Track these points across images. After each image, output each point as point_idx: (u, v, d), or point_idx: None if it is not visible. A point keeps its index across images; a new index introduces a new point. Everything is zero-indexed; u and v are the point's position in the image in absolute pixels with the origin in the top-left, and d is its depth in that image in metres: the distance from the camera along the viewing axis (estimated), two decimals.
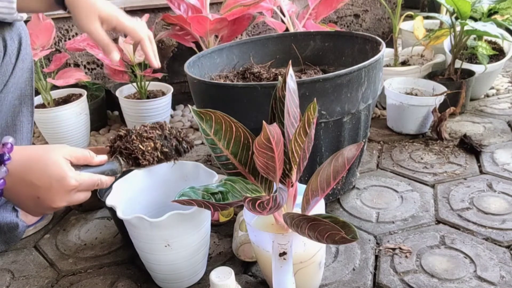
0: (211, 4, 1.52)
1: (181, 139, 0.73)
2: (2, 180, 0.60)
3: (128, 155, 0.69)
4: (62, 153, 0.63)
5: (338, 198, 1.07)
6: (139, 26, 0.77)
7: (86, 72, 1.61)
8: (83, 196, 0.66)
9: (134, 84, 1.46)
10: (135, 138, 0.69)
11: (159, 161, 0.71)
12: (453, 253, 0.87)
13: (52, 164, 0.61)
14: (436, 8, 2.27)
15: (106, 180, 0.68)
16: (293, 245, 0.67)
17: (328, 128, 0.91)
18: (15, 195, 0.63)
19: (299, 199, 0.71)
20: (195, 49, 1.46)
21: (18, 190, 0.62)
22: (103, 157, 0.69)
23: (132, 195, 0.85)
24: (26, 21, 0.90)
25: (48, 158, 0.61)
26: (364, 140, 1.02)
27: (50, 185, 0.61)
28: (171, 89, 1.50)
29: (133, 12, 1.58)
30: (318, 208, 0.72)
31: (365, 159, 1.25)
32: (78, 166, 0.66)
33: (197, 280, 0.85)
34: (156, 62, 0.81)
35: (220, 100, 0.90)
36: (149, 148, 0.69)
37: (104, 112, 1.61)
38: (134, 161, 0.70)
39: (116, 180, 0.78)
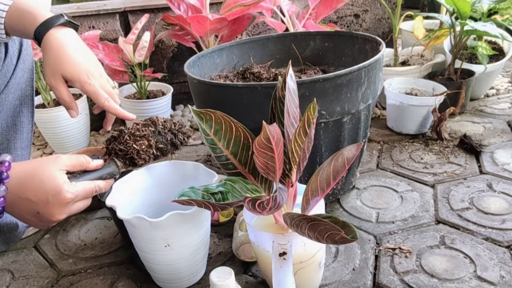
0: (211, 4, 1.52)
1: (176, 131, 0.72)
2: (2, 198, 0.61)
3: (124, 155, 0.69)
4: (56, 165, 0.63)
5: (338, 198, 1.07)
6: (98, 92, 0.74)
7: None
8: (82, 205, 0.66)
9: (134, 84, 1.46)
10: (128, 138, 0.69)
11: (156, 158, 0.71)
12: (453, 253, 0.87)
13: (47, 179, 0.61)
14: (436, 8, 2.28)
15: (104, 184, 0.68)
16: (293, 245, 0.67)
17: (328, 128, 0.91)
18: (16, 211, 0.64)
19: (299, 199, 0.71)
20: (195, 49, 1.46)
21: (18, 207, 0.63)
22: (99, 161, 0.69)
23: (132, 195, 0.85)
24: None
25: (43, 173, 0.62)
26: (364, 140, 1.02)
27: (47, 200, 0.61)
28: (171, 89, 1.51)
29: (133, 12, 1.58)
30: (318, 208, 0.72)
31: (365, 159, 1.25)
32: (75, 174, 0.66)
33: (197, 280, 0.85)
34: (130, 115, 0.78)
35: (220, 100, 0.90)
36: (143, 147, 0.68)
37: (104, 112, 1.60)
38: (131, 161, 0.70)
39: (115, 180, 0.78)
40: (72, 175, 0.66)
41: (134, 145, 0.68)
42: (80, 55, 0.74)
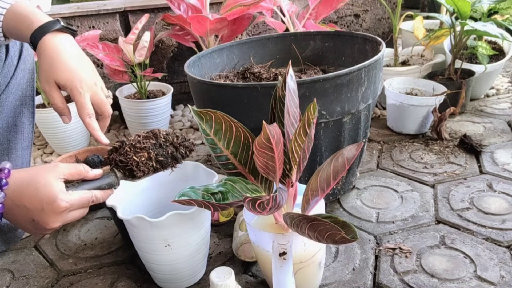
0: (211, 4, 1.52)
1: (178, 145, 0.72)
2: (1, 205, 0.61)
3: (124, 167, 0.69)
4: (53, 173, 0.63)
5: (338, 198, 1.07)
6: (85, 105, 0.73)
7: None
8: (78, 214, 0.65)
9: (134, 84, 1.46)
10: (128, 150, 0.68)
11: (155, 170, 0.70)
12: (453, 253, 0.87)
13: (43, 187, 0.61)
14: (436, 8, 2.28)
15: (102, 194, 0.68)
16: (293, 245, 0.67)
17: (328, 128, 0.91)
18: (13, 218, 0.64)
19: (299, 199, 0.71)
20: (195, 49, 1.46)
21: (14, 213, 0.63)
22: (98, 171, 0.69)
23: (132, 195, 0.85)
24: None
25: (39, 181, 0.61)
26: (364, 140, 1.02)
27: (42, 208, 0.61)
28: (171, 89, 1.51)
29: (133, 12, 1.58)
30: (318, 208, 0.72)
31: (365, 159, 1.25)
32: (74, 183, 0.66)
33: (197, 280, 0.85)
34: (105, 140, 0.75)
35: (220, 100, 0.90)
36: (143, 159, 0.68)
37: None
38: (130, 173, 0.69)
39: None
40: (71, 183, 0.65)
41: (134, 157, 0.68)
42: (75, 61, 0.73)
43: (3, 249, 0.98)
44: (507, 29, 1.42)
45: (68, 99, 0.78)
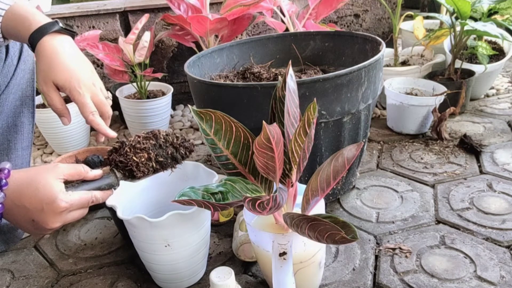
0: (211, 4, 1.52)
1: (178, 145, 0.72)
2: (0, 205, 0.61)
3: (124, 167, 0.69)
4: (53, 173, 0.63)
5: (338, 198, 1.07)
6: (86, 103, 0.73)
7: None
8: (78, 214, 0.65)
9: (134, 84, 1.46)
10: (128, 150, 0.68)
11: (155, 171, 0.71)
12: (453, 253, 0.87)
13: (42, 187, 0.61)
14: (436, 8, 2.28)
15: (102, 194, 0.68)
16: (293, 245, 0.67)
17: (328, 128, 0.91)
18: (13, 218, 0.64)
19: (299, 199, 0.71)
20: (195, 49, 1.46)
21: (14, 214, 0.63)
22: (98, 171, 0.69)
23: (132, 195, 0.85)
24: None
25: (39, 182, 0.62)
26: (364, 140, 1.02)
27: (42, 208, 0.61)
28: (171, 89, 1.51)
29: (133, 12, 1.58)
30: (318, 208, 0.72)
31: (365, 159, 1.25)
32: (73, 183, 0.66)
33: (197, 280, 0.85)
34: (112, 133, 0.75)
35: (220, 100, 0.90)
36: (143, 159, 0.68)
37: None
38: (130, 173, 0.69)
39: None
40: (71, 184, 0.65)
41: (134, 157, 0.68)
42: (73, 62, 0.73)
43: (3, 249, 0.98)
44: (507, 29, 1.42)
45: (67, 100, 0.77)
